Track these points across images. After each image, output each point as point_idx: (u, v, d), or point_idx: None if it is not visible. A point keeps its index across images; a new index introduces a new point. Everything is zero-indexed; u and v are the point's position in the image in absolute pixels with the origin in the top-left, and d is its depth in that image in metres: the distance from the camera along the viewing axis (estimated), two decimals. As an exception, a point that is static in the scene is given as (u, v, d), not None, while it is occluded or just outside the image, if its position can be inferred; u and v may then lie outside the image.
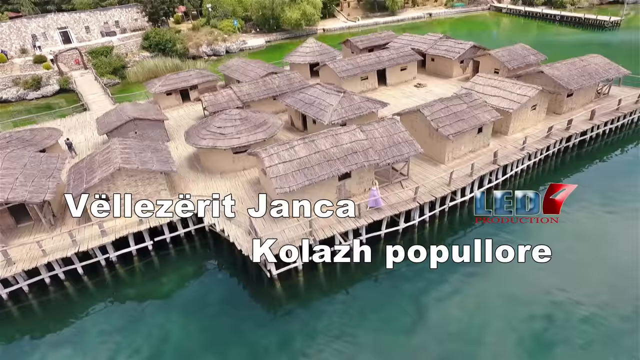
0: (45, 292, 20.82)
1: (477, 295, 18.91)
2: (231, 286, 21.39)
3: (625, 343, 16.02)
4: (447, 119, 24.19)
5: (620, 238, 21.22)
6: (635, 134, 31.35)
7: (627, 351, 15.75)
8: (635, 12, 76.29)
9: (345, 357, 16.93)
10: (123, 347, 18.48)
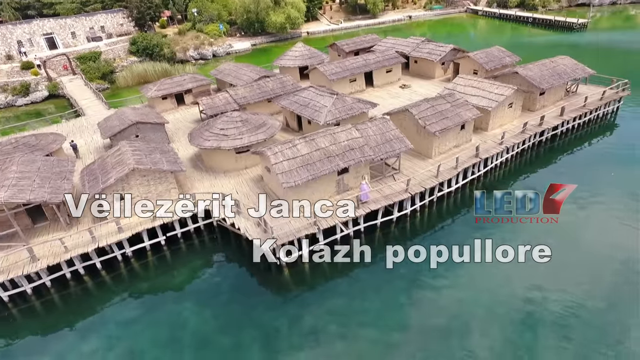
0: (66, 287, 22.13)
1: (466, 272, 21.12)
2: (240, 275, 23.07)
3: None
4: (433, 117, 26.52)
5: (591, 226, 23.89)
6: (600, 128, 34.42)
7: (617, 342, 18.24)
8: (601, 14, 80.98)
9: (350, 334, 18.88)
10: (143, 334, 20.01)
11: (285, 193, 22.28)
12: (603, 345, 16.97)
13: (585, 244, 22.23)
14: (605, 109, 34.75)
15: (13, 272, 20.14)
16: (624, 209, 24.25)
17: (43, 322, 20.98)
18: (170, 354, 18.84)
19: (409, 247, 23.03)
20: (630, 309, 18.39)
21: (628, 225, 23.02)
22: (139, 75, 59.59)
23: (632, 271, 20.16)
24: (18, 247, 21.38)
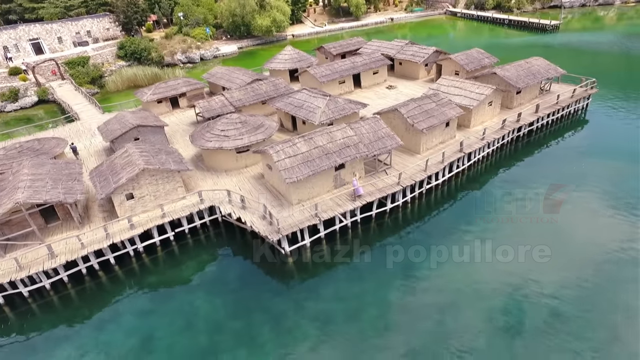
0: (82, 282, 23.37)
1: (453, 256, 23.22)
2: (246, 266, 24.66)
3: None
4: (420, 115, 28.66)
5: (565, 212, 26.36)
6: (572, 123, 37.25)
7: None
8: (572, 16, 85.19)
9: (352, 312, 20.71)
10: (158, 323, 21.43)
11: (287, 188, 24.03)
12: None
13: (560, 230, 24.62)
14: (576, 106, 37.62)
15: (34, 269, 21.29)
16: (594, 196, 26.84)
17: (62, 315, 22.15)
18: (187, 339, 20.32)
19: (401, 236, 25.38)
20: (604, 289, 20.80)
21: (597, 210, 25.59)
22: (129, 79, 60.27)
23: (600, 250, 22.62)
24: (35, 245, 22.53)
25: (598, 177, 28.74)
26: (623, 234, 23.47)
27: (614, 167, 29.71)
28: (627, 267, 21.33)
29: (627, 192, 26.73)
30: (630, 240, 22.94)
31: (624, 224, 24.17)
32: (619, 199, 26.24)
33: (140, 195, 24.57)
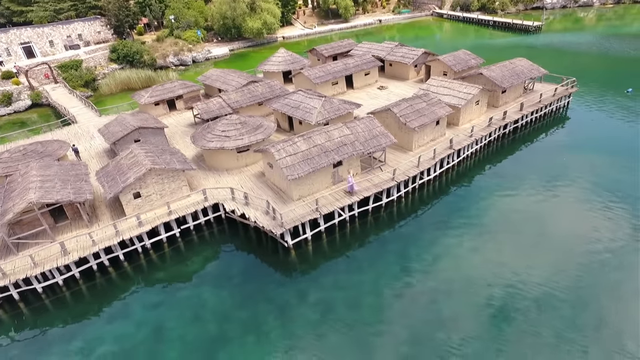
0: (92, 278, 24.29)
1: (445, 246, 24.75)
2: (250, 260, 25.85)
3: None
4: (412, 114, 30.18)
5: (548, 202, 28.12)
6: (554, 121, 39.22)
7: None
8: (553, 17, 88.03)
9: (351, 300, 22.03)
10: (168, 315, 22.47)
11: (288, 185, 25.30)
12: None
13: (545, 219, 26.34)
14: (558, 104, 39.62)
15: (47, 265, 22.17)
16: (576, 187, 28.67)
17: (74, 310, 23.03)
18: (196, 328, 21.43)
19: (396, 228, 26.86)
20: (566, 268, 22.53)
21: (579, 200, 27.41)
22: (123, 82, 60.82)
23: (583, 238, 24.38)
24: (46, 244, 23.40)
25: (580, 169, 30.64)
26: (604, 222, 25.29)
27: (595, 160, 31.66)
28: (608, 253, 23.10)
29: (607, 183, 28.63)
30: (611, 228, 24.77)
31: (605, 212, 26.00)
32: (599, 189, 28.12)
33: (147, 194, 25.59)
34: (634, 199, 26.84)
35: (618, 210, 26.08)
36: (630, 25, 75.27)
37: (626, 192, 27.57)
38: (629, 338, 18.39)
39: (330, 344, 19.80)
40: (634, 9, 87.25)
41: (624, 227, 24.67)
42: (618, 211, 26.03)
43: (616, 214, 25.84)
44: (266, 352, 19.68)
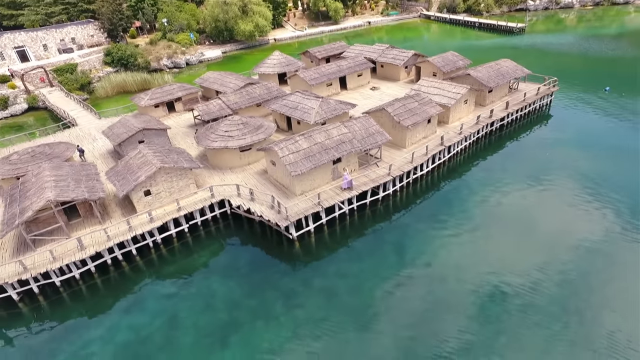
0: (107, 272, 25.55)
1: (437, 236, 26.58)
2: (256, 252, 27.33)
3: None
4: (405, 114, 32.02)
5: (530, 196, 30.18)
6: (537, 118, 41.50)
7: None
8: (536, 18, 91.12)
9: (353, 287, 23.65)
10: (180, 305, 23.82)
11: (291, 181, 26.88)
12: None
13: (528, 209, 28.36)
14: (541, 102, 41.92)
15: (66, 259, 23.39)
16: (558, 180, 30.79)
17: (91, 302, 24.22)
18: (208, 316, 22.83)
19: (392, 220, 28.64)
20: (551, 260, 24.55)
21: (561, 192, 29.53)
22: (118, 85, 61.63)
23: (560, 226, 26.44)
24: (62, 240, 24.60)
25: (562, 163, 32.83)
26: (584, 209, 27.42)
27: (576, 154, 33.89)
28: (587, 236, 25.19)
29: (587, 175, 30.82)
30: (590, 216, 26.91)
31: (585, 200, 28.14)
32: (580, 180, 30.31)
33: (157, 191, 26.92)
34: (612, 188, 29.04)
35: (598, 197, 28.26)
36: (608, 27, 78.53)
37: (604, 182, 29.79)
38: (614, 321, 20.42)
39: (334, 326, 21.38)
40: (612, 11, 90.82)
41: (604, 214, 26.81)
42: (598, 198, 28.20)
43: (596, 201, 27.99)
44: (275, 335, 21.19)
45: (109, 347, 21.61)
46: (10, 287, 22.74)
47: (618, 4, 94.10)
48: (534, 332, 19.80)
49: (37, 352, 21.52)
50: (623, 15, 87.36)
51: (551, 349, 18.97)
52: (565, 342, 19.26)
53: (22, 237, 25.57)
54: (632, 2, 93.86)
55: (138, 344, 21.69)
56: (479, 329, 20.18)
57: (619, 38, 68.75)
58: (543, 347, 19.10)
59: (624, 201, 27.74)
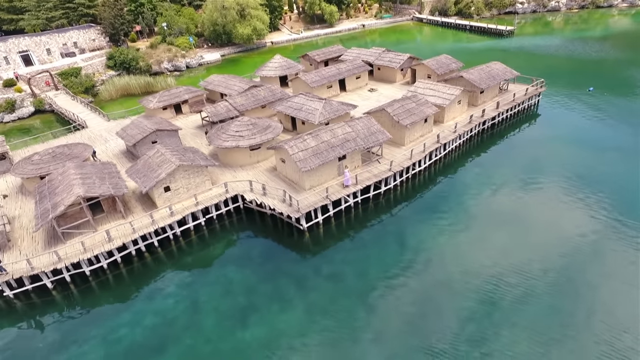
0: (131, 262, 27.51)
1: (436, 225, 28.92)
2: (268, 243, 29.46)
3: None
4: (404, 114, 34.38)
5: (520, 188, 32.69)
6: (526, 117, 44.16)
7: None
8: (525, 21, 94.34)
9: (359, 272, 25.84)
10: (200, 292, 25.83)
11: (301, 176, 29.07)
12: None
13: (517, 201, 30.85)
14: (529, 102, 44.59)
15: (96, 250, 25.33)
16: (545, 175, 33.34)
17: (117, 290, 26.18)
18: (228, 300, 24.90)
19: (393, 212, 30.95)
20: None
21: (547, 185, 32.08)
22: (122, 88, 63.37)
23: (546, 216, 28.95)
24: (89, 233, 26.52)
25: (549, 158, 35.43)
26: (568, 200, 29.97)
27: (562, 150, 36.54)
28: (573, 225, 27.72)
29: (573, 169, 33.40)
30: (574, 206, 29.47)
31: (569, 192, 30.70)
32: (566, 174, 32.87)
33: (176, 187, 28.94)
34: (593, 179, 31.66)
35: (580, 187, 30.84)
36: (593, 29, 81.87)
37: (588, 174, 32.42)
38: (604, 311, 22.91)
39: (342, 307, 23.54)
40: (596, 14, 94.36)
41: (586, 203, 29.38)
42: (580, 188, 30.78)
43: (579, 191, 30.57)
44: (290, 316, 23.34)
45: (138, 330, 23.60)
46: (45, 276, 24.60)
47: (602, 7, 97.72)
48: (527, 310, 22.22)
49: (70, 336, 23.40)
50: (607, 17, 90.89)
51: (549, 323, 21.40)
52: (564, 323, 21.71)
53: (51, 231, 27.44)
54: (615, 5, 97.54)
55: (165, 326, 23.69)
56: (474, 307, 22.51)
57: (602, 40, 71.98)
58: (535, 321, 21.52)
59: (605, 190, 30.37)
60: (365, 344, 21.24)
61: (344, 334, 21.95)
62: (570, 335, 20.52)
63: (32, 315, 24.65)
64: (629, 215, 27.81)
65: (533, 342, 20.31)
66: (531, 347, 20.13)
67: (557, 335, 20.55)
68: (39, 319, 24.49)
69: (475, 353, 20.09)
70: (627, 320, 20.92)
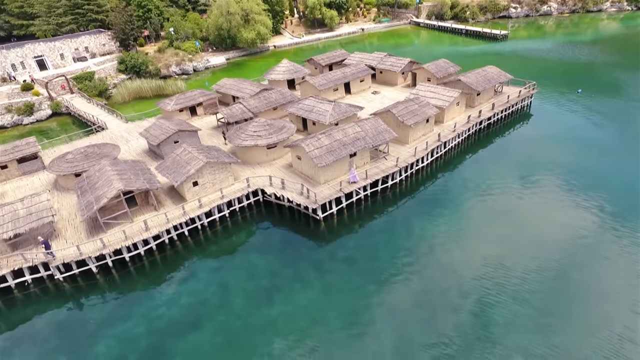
0: (164, 250, 30.40)
1: (440, 214, 32.02)
2: (287, 232, 32.43)
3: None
4: (408, 115, 37.52)
5: (512, 183, 35.89)
6: (520, 117, 47.47)
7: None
8: (518, 25, 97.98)
9: (370, 256, 28.87)
10: (227, 275, 28.75)
11: (316, 172, 32.09)
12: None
13: (512, 193, 34.05)
14: (522, 103, 47.92)
15: (135, 238, 28.23)
16: (537, 169, 36.59)
17: (153, 274, 29.01)
18: (253, 283, 27.80)
19: (400, 204, 34.02)
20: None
21: (540, 179, 35.31)
22: (134, 91, 66.13)
23: (538, 207, 32.17)
24: (126, 224, 29.40)
25: (541, 155, 38.70)
26: (557, 192, 33.21)
27: (553, 147, 39.83)
28: (560, 212, 30.94)
29: (563, 164, 36.66)
30: (563, 198, 32.71)
31: (557, 184, 33.94)
32: (556, 169, 36.12)
33: (203, 182, 31.87)
34: (580, 173, 34.94)
35: (568, 181, 34.09)
36: (583, 34, 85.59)
37: (576, 168, 35.71)
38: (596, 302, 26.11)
39: (356, 286, 26.52)
40: (586, 18, 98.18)
41: (574, 193, 32.63)
42: (568, 181, 34.03)
43: (567, 184, 33.82)
44: (310, 294, 26.31)
45: (174, 309, 26.48)
46: (91, 261, 27.45)
47: (592, 11, 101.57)
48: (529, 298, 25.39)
49: (115, 314, 26.25)
50: (597, 22, 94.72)
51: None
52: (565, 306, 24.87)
53: (91, 222, 30.28)
54: (604, 9, 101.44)
55: (198, 305, 26.59)
56: (473, 283, 25.61)
57: (591, 45, 75.61)
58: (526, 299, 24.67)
59: (590, 182, 33.70)
60: (377, 315, 24.30)
61: (359, 308, 24.95)
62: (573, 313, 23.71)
63: (80, 296, 27.48)
64: (612, 202, 31.14)
65: (534, 317, 23.47)
66: (531, 320, 23.29)
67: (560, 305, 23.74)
68: (87, 299, 27.33)
69: (475, 322, 23.18)
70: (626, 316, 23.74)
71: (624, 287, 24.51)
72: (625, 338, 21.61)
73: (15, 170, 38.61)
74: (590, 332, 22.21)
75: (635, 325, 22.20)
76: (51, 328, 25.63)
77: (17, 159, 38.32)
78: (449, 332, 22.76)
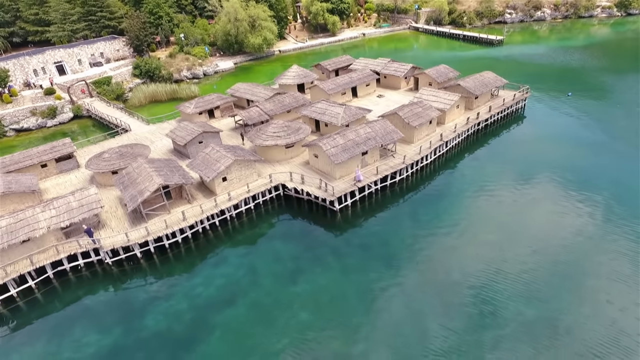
0: (198, 238, 34.02)
1: (442, 206, 35.76)
2: (306, 223, 36.04)
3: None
4: (413, 116, 41.31)
5: (506, 181, 39.72)
6: (514, 119, 51.37)
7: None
8: (513, 30, 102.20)
9: (382, 242, 32.52)
10: (255, 260, 32.30)
11: (332, 168, 35.81)
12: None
13: (507, 187, 37.87)
14: (517, 106, 51.83)
15: (175, 227, 31.82)
16: (531, 166, 40.44)
17: (188, 259, 32.55)
18: (278, 266, 31.29)
19: (407, 197, 37.74)
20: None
21: (533, 174, 39.14)
22: (150, 95, 69.71)
23: (532, 200, 35.98)
24: (164, 215, 32.98)
25: (534, 153, 42.55)
26: (549, 187, 37.07)
27: (545, 147, 43.68)
28: (551, 204, 34.77)
29: (555, 162, 40.45)
30: (554, 192, 36.56)
31: (549, 180, 37.79)
32: (549, 166, 39.91)
33: (231, 178, 35.50)
34: (569, 169, 38.77)
35: (560, 176, 37.94)
36: (575, 39, 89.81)
37: (567, 165, 39.56)
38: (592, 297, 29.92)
39: (370, 268, 30.10)
40: (578, 23, 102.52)
41: (564, 185, 36.47)
42: (560, 176, 37.88)
43: (559, 177, 37.68)
44: (330, 275, 29.84)
45: (211, 288, 30.06)
46: (137, 247, 31.02)
47: (584, 17, 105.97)
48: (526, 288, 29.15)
49: (158, 293, 29.75)
50: (588, 27, 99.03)
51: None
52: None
53: (131, 214, 33.82)
54: (595, 15, 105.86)
55: (232, 285, 30.17)
56: (475, 266, 29.35)
57: (582, 49, 79.77)
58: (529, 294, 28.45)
59: (580, 176, 37.50)
60: (389, 292, 27.88)
61: (373, 286, 28.56)
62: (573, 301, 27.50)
63: (126, 279, 31.01)
64: (601, 194, 35.01)
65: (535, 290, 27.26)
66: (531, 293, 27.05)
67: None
68: (132, 281, 30.85)
69: (476, 298, 26.85)
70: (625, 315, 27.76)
71: (612, 266, 28.34)
72: (623, 327, 25.36)
73: (53, 169, 42.12)
74: (589, 327, 24.80)
75: (634, 315, 25.77)
76: (104, 305, 29.17)
77: (56, 158, 41.83)
78: (454, 305, 26.43)
